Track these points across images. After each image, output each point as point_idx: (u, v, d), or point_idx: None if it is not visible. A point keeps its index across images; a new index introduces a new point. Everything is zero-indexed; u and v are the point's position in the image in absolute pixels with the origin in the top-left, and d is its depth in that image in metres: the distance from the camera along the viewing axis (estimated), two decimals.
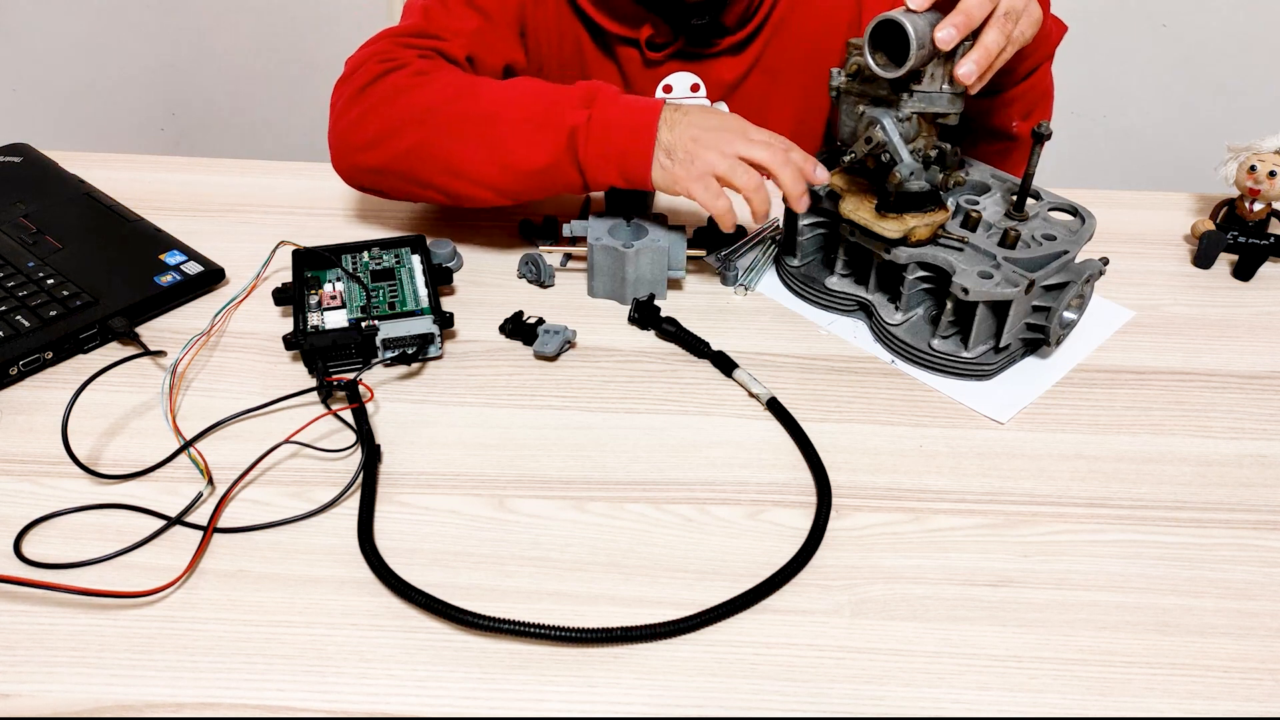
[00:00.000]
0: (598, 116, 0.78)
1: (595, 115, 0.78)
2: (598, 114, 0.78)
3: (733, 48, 0.97)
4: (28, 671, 0.55)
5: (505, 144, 0.79)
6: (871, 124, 0.72)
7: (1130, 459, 0.71)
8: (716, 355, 0.78)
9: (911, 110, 0.72)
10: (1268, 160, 0.88)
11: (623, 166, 0.78)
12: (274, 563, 0.62)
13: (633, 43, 0.96)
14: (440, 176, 0.82)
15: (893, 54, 0.69)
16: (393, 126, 0.82)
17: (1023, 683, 0.57)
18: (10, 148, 1.00)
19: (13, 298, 0.78)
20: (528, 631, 0.56)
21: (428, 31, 0.88)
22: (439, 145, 0.81)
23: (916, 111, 0.72)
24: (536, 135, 0.79)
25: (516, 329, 0.80)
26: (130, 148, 1.39)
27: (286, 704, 0.54)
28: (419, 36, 0.88)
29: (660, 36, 0.95)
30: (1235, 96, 1.96)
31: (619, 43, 0.96)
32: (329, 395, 0.73)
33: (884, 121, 0.72)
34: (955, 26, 0.68)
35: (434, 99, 0.82)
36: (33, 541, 0.62)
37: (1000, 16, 0.70)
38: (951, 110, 0.73)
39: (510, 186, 0.82)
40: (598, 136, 0.78)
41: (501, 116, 0.80)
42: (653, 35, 0.95)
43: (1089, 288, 0.78)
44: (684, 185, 0.77)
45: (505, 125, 0.80)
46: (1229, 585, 0.62)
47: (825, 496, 0.66)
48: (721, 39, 0.97)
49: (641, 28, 0.95)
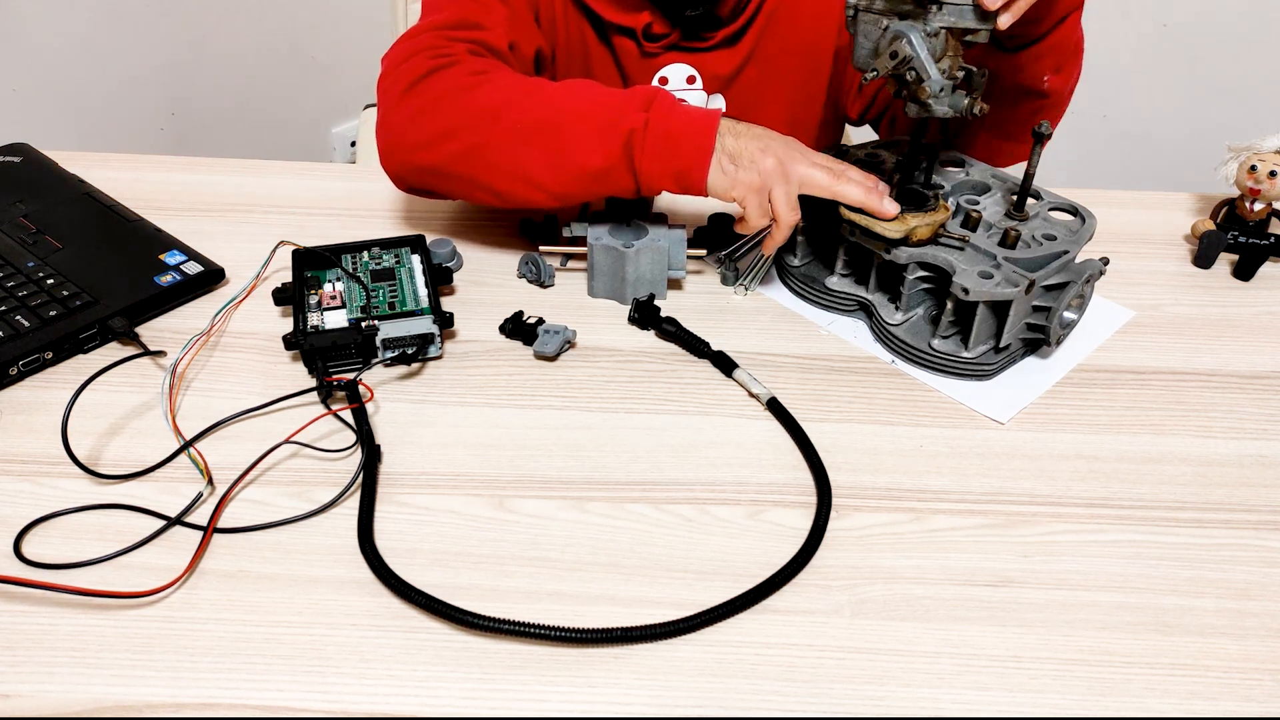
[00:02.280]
0: (655, 120, 0.77)
1: (653, 119, 0.77)
2: (655, 118, 0.77)
3: (727, 40, 0.98)
4: (28, 671, 0.55)
5: (565, 147, 0.78)
6: (897, 38, 0.68)
7: (1130, 459, 0.71)
8: (716, 355, 0.78)
9: (940, 25, 0.68)
10: (1268, 160, 0.88)
11: (679, 170, 0.77)
12: (274, 563, 0.62)
13: (630, 32, 0.96)
14: (498, 179, 0.81)
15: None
16: (452, 126, 0.81)
17: (1023, 683, 0.57)
18: (10, 148, 1.00)
19: (13, 298, 0.78)
20: (528, 632, 0.56)
21: (468, 21, 0.87)
22: (501, 148, 0.80)
23: (945, 26, 0.68)
24: (595, 138, 0.78)
25: (516, 329, 0.80)
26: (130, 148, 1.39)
27: (286, 704, 0.54)
28: (461, 28, 0.87)
29: (657, 26, 0.96)
30: (1235, 96, 1.96)
31: (616, 32, 0.96)
32: (329, 395, 0.73)
33: (910, 35, 0.68)
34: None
35: (495, 100, 0.80)
36: (33, 541, 0.62)
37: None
38: (982, 27, 0.69)
39: (566, 189, 0.81)
40: (655, 140, 0.77)
41: (563, 121, 0.79)
42: (649, 25, 0.95)
43: (1089, 288, 0.78)
44: (741, 192, 0.77)
45: (567, 130, 0.79)
46: (1229, 585, 0.62)
47: (825, 496, 0.66)
48: (716, 31, 0.97)
49: (639, 17, 0.95)
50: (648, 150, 0.77)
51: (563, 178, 0.80)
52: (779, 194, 0.76)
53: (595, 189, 0.80)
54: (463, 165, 0.81)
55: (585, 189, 0.81)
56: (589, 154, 0.78)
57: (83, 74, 1.71)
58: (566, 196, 0.81)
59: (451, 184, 0.84)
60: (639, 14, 0.95)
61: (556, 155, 0.79)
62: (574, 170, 0.79)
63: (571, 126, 0.78)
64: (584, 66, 0.98)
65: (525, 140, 0.79)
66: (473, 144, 0.80)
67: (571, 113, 0.79)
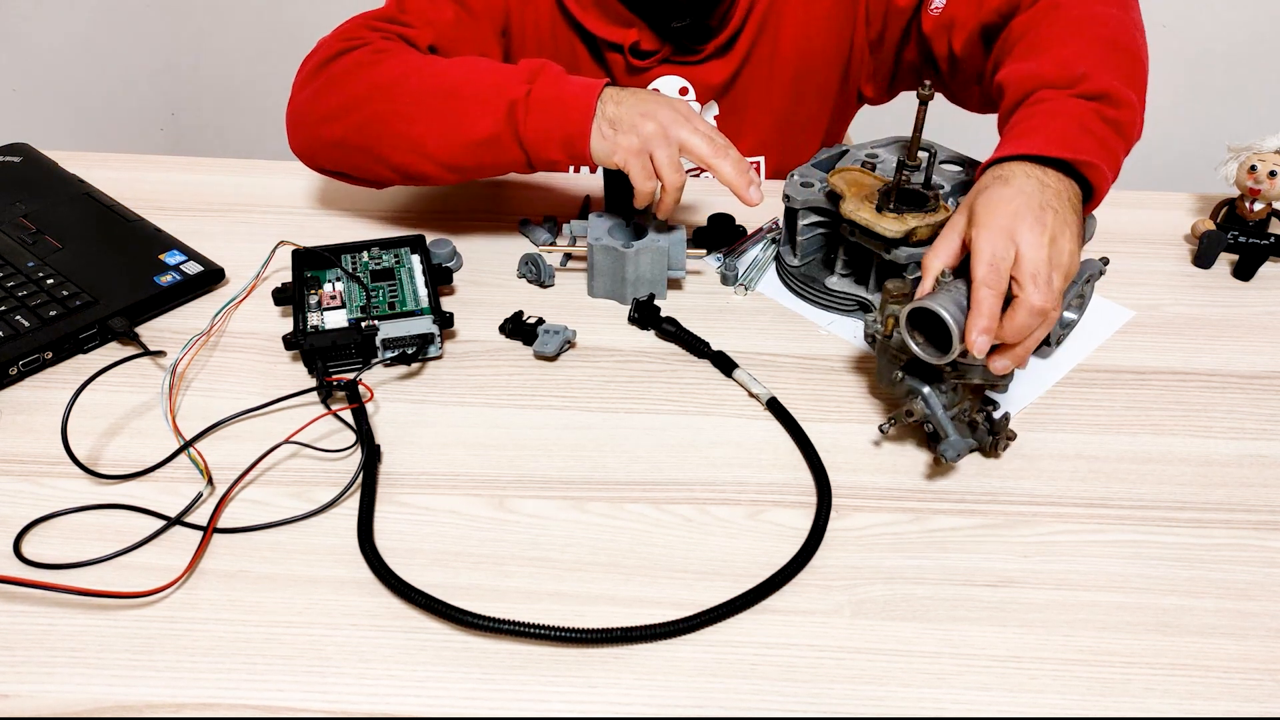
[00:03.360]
0: (538, 90, 0.79)
1: (535, 90, 0.79)
2: (538, 88, 0.79)
3: (718, 50, 0.97)
4: (28, 671, 0.55)
5: (454, 117, 0.80)
6: (912, 395, 0.67)
7: (1130, 459, 0.71)
8: (716, 355, 0.78)
9: (953, 381, 0.67)
10: (1268, 160, 0.88)
11: (563, 136, 0.78)
12: (274, 563, 0.62)
13: (619, 48, 0.96)
14: (394, 151, 0.83)
15: (931, 335, 0.64)
16: (352, 99, 0.83)
17: (1023, 683, 0.57)
18: (10, 148, 1.00)
19: (13, 298, 0.78)
20: (528, 632, 0.56)
21: (398, 18, 0.90)
22: (396, 119, 0.82)
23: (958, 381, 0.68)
24: (480, 107, 0.80)
25: (516, 329, 0.80)
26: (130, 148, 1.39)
27: (286, 704, 0.54)
28: (387, 21, 0.90)
29: (646, 43, 0.95)
30: (1235, 96, 1.96)
31: (607, 48, 0.96)
32: (329, 395, 0.73)
33: (924, 392, 0.67)
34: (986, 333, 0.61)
35: (391, 74, 0.83)
36: (33, 541, 0.62)
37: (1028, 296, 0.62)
38: (997, 382, 0.67)
39: (458, 160, 0.82)
40: (537, 109, 0.78)
41: (454, 91, 0.81)
42: (637, 42, 0.95)
43: (1089, 288, 0.78)
44: (622, 156, 0.78)
45: (455, 99, 0.81)
46: (1229, 585, 0.62)
47: (825, 496, 0.66)
48: (706, 43, 0.97)
49: (627, 33, 0.95)
50: (531, 118, 0.78)
51: (453, 148, 0.81)
52: (660, 156, 0.77)
53: (486, 160, 0.82)
54: (360, 137, 0.83)
55: (475, 160, 0.82)
56: (475, 123, 0.80)
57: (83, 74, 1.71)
58: (459, 169, 0.83)
59: (353, 158, 0.85)
60: (627, 29, 0.95)
61: (446, 125, 0.81)
62: (462, 139, 0.80)
63: (461, 96, 0.81)
64: None
65: (418, 110, 0.81)
66: (370, 115, 0.83)
67: (462, 83, 0.81)
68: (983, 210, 0.65)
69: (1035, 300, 0.62)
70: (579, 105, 0.78)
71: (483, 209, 0.96)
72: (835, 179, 0.81)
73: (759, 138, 1.04)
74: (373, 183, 0.89)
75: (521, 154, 0.80)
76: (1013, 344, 0.63)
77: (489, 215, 0.95)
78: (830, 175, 0.81)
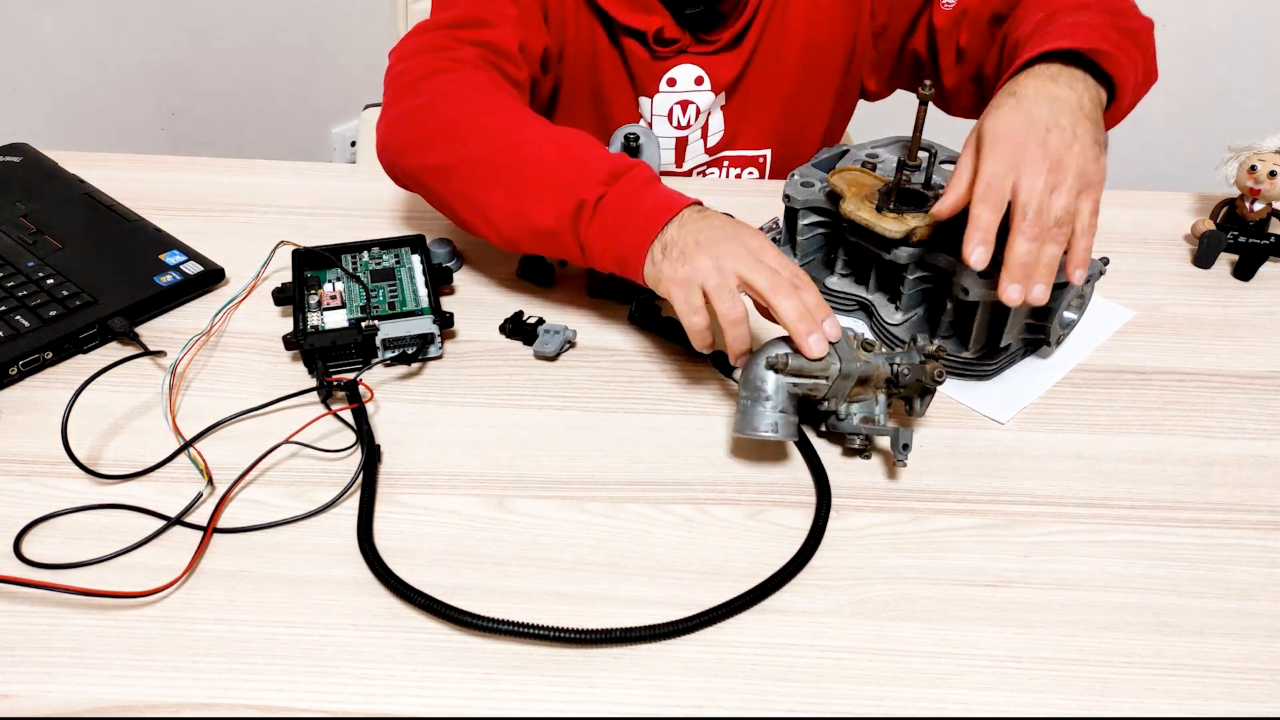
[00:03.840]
0: (611, 196, 0.72)
1: (609, 195, 0.72)
2: (612, 195, 0.72)
3: (731, 42, 0.98)
4: (28, 671, 0.55)
5: (522, 198, 0.75)
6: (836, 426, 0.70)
7: (1130, 459, 0.71)
8: (716, 355, 0.78)
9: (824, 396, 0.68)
10: (1268, 160, 0.88)
11: (617, 256, 0.72)
12: (274, 563, 0.62)
13: (640, 35, 0.96)
14: (460, 205, 0.79)
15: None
16: (432, 137, 0.79)
17: (1023, 683, 0.57)
18: (10, 148, 1.00)
19: (13, 298, 0.78)
20: (528, 632, 0.56)
21: (477, 19, 0.85)
22: (467, 175, 0.77)
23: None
24: (549, 197, 0.74)
25: (516, 329, 0.80)
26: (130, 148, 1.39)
27: (286, 704, 0.54)
28: (469, 26, 0.85)
29: (669, 31, 0.95)
30: (1235, 96, 1.96)
31: (626, 34, 0.96)
32: (329, 395, 0.73)
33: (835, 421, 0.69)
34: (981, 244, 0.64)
35: (477, 124, 0.78)
36: (33, 541, 0.62)
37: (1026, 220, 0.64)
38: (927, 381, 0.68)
39: (516, 238, 0.77)
40: (602, 217, 0.72)
41: (528, 169, 0.75)
42: (661, 29, 0.95)
43: (1089, 288, 0.78)
44: (665, 286, 0.69)
45: (528, 181, 0.75)
46: (1229, 585, 0.62)
47: (825, 496, 0.66)
48: (720, 31, 0.97)
49: (651, 20, 0.94)
50: (593, 226, 0.72)
51: (515, 226, 0.76)
52: (710, 287, 0.67)
53: (545, 248, 0.77)
54: (432, 179, 0.80)
55: (535, 245, 0.77)
56: (540, 211, 0.74)
57: (83, 74, 1.71)
58: (517, 246, 0.78)
59: (425, 194, 0.83)
60: (651, 17, 0.95)
61: (514, 201, 0.75)
62: (525, 222, 0.75)
63: (533, 179, 0.75)
64: (592, 66, 0.98)
65: (489, 175, 0.76)
66: (445, 162, 0.78)
67: (539, 162, 0.75)
68: (988, 134, 0.67)
69: (1027, 230, 0.64)
70: (644, 223, 0.71)
71: None
72: (835, 179, 0.81)
73: (765, 130, 1.04)
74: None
75: (580, 255, 0.74)
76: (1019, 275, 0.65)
77: None
78: (830, 175, 0.81)
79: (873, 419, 0.69)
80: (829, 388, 0.67)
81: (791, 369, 0.65)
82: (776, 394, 0.66)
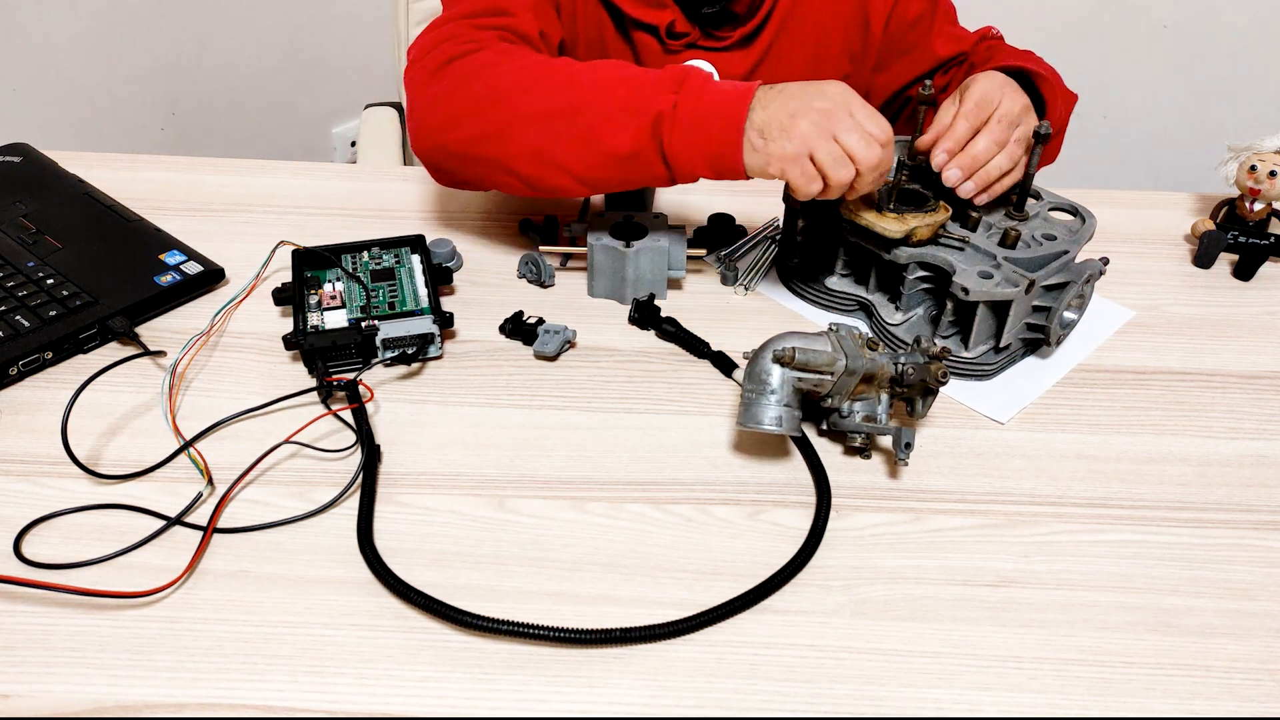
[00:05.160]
0: (685, 102, 0.72)
1: (682, 101, 0.72)
2: (685, 98, 0.72)
3: (742, 40, 0.98)
4: (28, 671, 0.55)
5: (592, 130, 0.74)
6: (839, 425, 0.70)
7: (1130, 459, 0.71)
8: (716, 355, 0.78)
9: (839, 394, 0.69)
10: (1268, 160, 0.88)
11: (711, 154, 0.72)
12: (274, 563, 0.62)
13: (651, 29, 0.96)
14: (525, 162, 0.77)
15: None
16: (476, 106, 0.78)
17: (1023, 683, 0.57)
18: (10, 148, 1.00)
19: (13, 298, 0.78)
20: (528, 632, 0.56)
21: (495, 8, 0.85)
22: (526, 130, 0.76)
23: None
24: (623, 120, 0.73)
25: (516, 329, 0.80)
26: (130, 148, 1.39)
27: (286, 704, 0.54)
28: (489, 15, 0.84)
29: (680, 25, 0.95)
30: (1235, 96, 1.96)
31: (636, 27, 0.96)
32: (329, 395, 0.73)
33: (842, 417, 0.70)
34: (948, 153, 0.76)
35: (521, 80, 0.77)
36: (33, 541, 0.62)
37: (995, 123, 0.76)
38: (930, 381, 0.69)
39: (594, 175, 0.76)
40: (683, 123, 0.72)
41: (591, 102, 0.75)
42: (673, 23, 0.95)
43: (1089, 288, 0.78)
44: (777, 167, 0.71)
45: (593, 111, 0.75)
46: (1229, 585, 0.62)
47: (825, 496, 0.66)
48: (732, 30, 0.97)
49: (663, 14, 0.94)
50: (678, 132, 0.72)
51: (590, 163, 0.76)
52: (822, 156, 0.69)
53: (626, 175, 0.76)
54: (488, 148, 0.78)
55: (615, 175, 0.76)
56: (616, 137, 0.74)
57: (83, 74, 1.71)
58: (596, 183, 0.78)
59: (479, 169, 0.81)
60: (662, 10, 0.94)
61: (583, 139, 0.75)
62: (601, 155, 0.75)
63: (598, 108, 0.75)
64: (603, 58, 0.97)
65: (551, 122, 0.76)
66: (499, 125, 0.77)
67: (599, 93, 0.75)
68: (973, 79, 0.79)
69: (996, 134, 0.76)
70: (728, 116, 0.71)
71: (483, 209, 0.96)
72: None
73: None
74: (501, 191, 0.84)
75: (665, 171, 0.74)
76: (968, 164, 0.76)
77: (489, 215, 0.95)
78: None
79: (875, 418, 0.69)
80: (833, 384, 0.67)
81: (797, 363, 0.65)
82: (781, 388, 0.66)
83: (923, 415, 0.70)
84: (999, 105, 0.77)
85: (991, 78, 0.79)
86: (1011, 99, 0.78)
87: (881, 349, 0.70)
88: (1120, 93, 1.98)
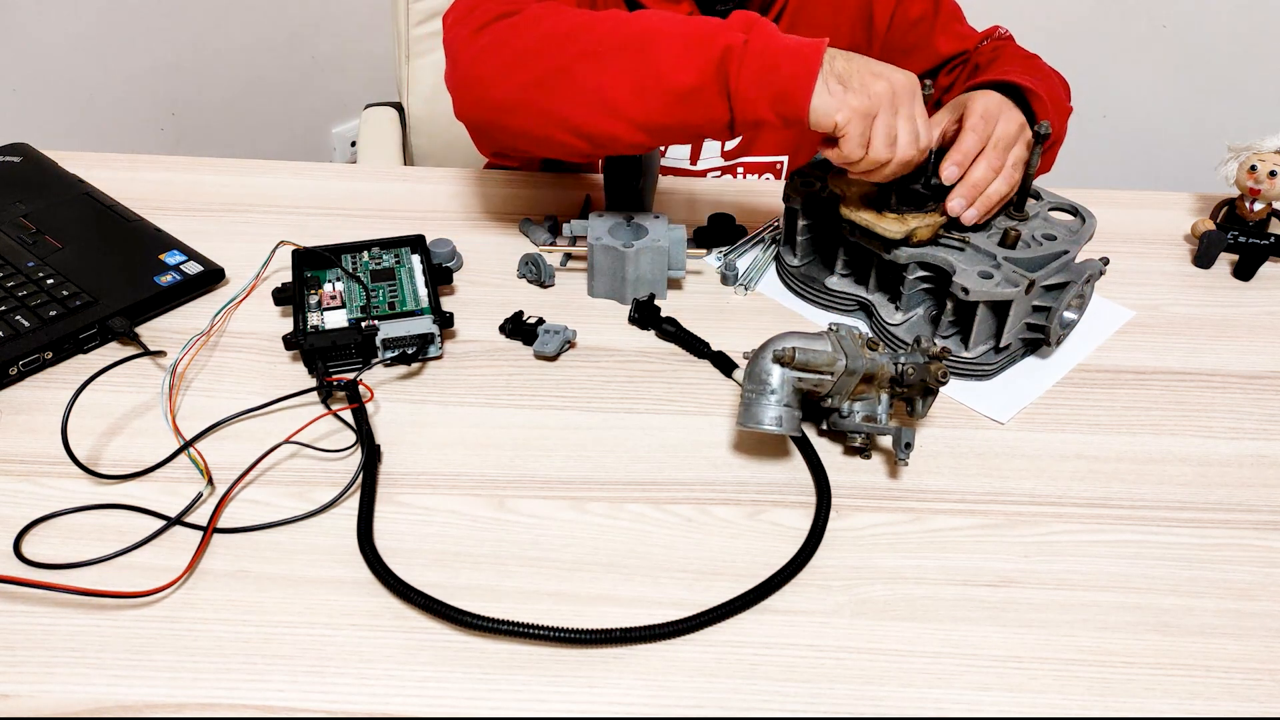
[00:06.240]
0: (755, 40, 0.70)
1: (753, 39, 0.70)
2: (756, 38, 0.70)
3: None
4: (28, 671, 0.55)
5: (653, 63, 0.72)
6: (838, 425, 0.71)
7: (1130, 459, 0.71)
8: (716, 355, 0.78)
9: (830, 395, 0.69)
10: (1268, 160, 0.88)
11: (779, 91, 0.70)
12: (274, 563, 0.62)
13: None
14: (577, 109, 0.74)
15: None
16: (533, 47, 0.75)
17: (1023, 683, 0.57)
18: (10, 148, 1.00)
19: (13, 298, 0.78)
20: (528, 632, 0.56)
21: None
22: (578, 68, 0.74)
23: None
24: (686, 53, 0.71)
25: (516, 329, 0.80)
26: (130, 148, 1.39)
27: (286, 704, 0.54)
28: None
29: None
30: (1235, 96, 1.96)
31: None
32: (329, 395, 0.73)
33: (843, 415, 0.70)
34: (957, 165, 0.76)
35: (572, 24, 0.75)
36: (32, 541, 0.62)
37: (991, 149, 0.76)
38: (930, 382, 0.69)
39: (651, 117, 0.73)
40: (755, 57, 0.70)
41: (651, 37, 0.73)
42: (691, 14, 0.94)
43: (1089, 288, 0.78)
44: (845, 115, 0.69)
45: (655, 46, 0.72)
46: (1229, 585, 0.62)
47: (825, 496, 0.66)
48: None
49: (680, 8, 0.94)
50: (746, 68, 0.70)
51: (648, 101, 0.73)
52: (880, 123, 0.70)
53: (684, 118, 0.73)
54: (538, 94, 0.75)
55: (673, 115, 0.73)
56: (679, 71, 0.71)
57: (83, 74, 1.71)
58: (653, 127, 0.74)
59: (529, 121, 0.77)
60: (679, 5, 0.94)
61: (642, 74, 0.72)
62: (661, 91, 0.72)
63: (660, 42, 0.72)
64: None
65: (607, 59, 0.73)
66: (557, 65, 0.74)
67: (660, 31, 0.73)
68: (974, 96, 0.80)
69: (994, 160, 0.76)
70: (803, 58, 0.70)
71: (483, 209, 0.96)
72: (836, 180, 0.81)
73: (782, 136, 1.04)
74: (549, 153, 0.81)
75: (726, 111, 0.72)
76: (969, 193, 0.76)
77: (489, 215, 0.95)
78: (831, 176, 0.81)
79: (875, 418, 0.69)
80: (833, 384, 0.67)
81: (797, 363, 0.65)
82: (781, 388, 0.66)
83: (923, 415, 0.70)
84: (995, 127, 0.78)
85: (988, 97, 0.80)
86: (1007, 119, 0.78)
87: (881, 349, 0.70)
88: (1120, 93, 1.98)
